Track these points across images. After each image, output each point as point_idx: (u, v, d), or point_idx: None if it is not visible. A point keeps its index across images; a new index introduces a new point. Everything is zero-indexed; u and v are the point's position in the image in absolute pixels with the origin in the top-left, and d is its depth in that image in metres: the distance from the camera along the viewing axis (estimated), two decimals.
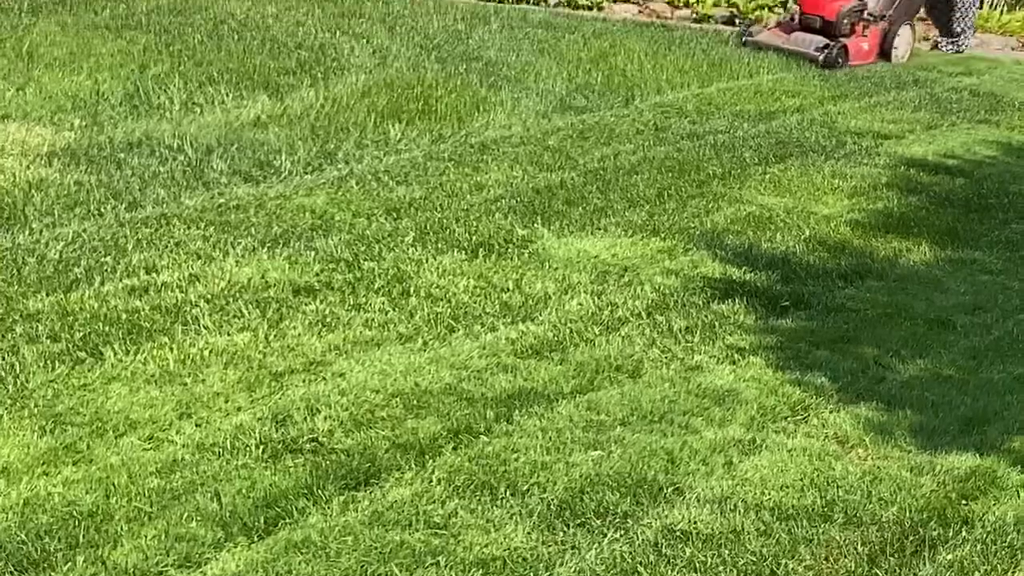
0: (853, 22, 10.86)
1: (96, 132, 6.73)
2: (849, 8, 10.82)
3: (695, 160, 7.61)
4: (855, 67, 10.46)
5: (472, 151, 7.33)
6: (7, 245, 5.11)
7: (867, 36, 10.93)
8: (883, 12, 11.05)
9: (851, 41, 10.79)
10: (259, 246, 5.49)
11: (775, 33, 10.95)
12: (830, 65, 10.41)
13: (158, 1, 9.95)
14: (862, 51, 10.85)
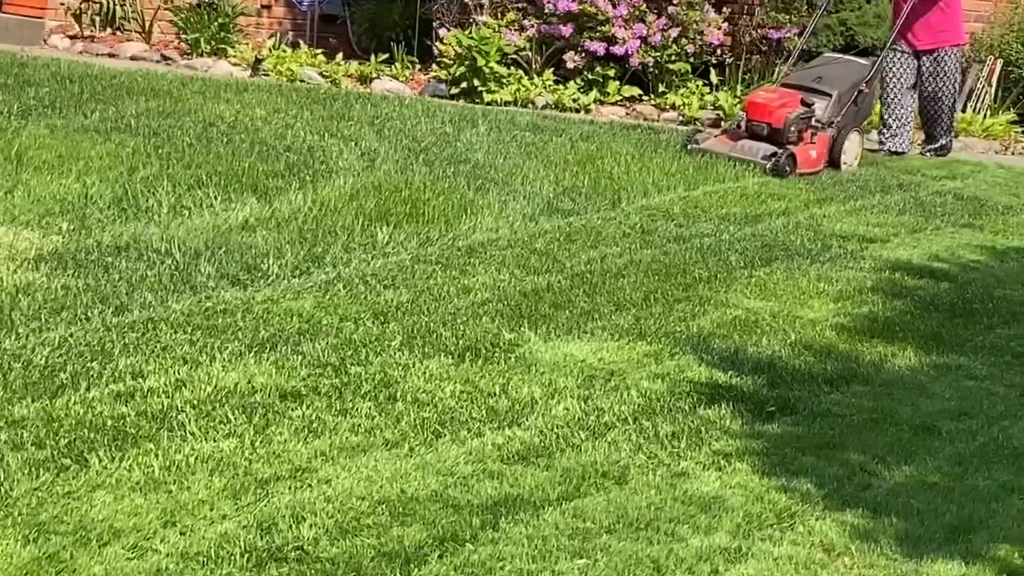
0: (801, 129, 10.59)
1: (84, 236, 6.75)
2: (796, 115, 10.57)
3: (681, 263, 7.64)
4: (803, 175, 10.33)
5: (459, 254, 7.36)
6: None
7: (815, 143, 10.67)
8: (831, 119, 10.82)
9: (799, 148, 10.53)
10: (246, 350, 5.50)
11: (722, 140, 10.72)
12: (778, 173, 10.17)
13: (148, 104, 10.01)
14: (810, 159, 10.60)
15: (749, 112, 10.66)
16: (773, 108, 10.54)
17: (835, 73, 11.13)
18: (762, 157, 10.26)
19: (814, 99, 10.74)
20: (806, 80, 11.06)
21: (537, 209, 8.42)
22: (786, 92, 10.81)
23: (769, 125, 10.46)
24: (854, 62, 11.47)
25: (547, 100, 12.57)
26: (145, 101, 10.10)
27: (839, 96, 10.89)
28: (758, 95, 10.90)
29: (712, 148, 10.52)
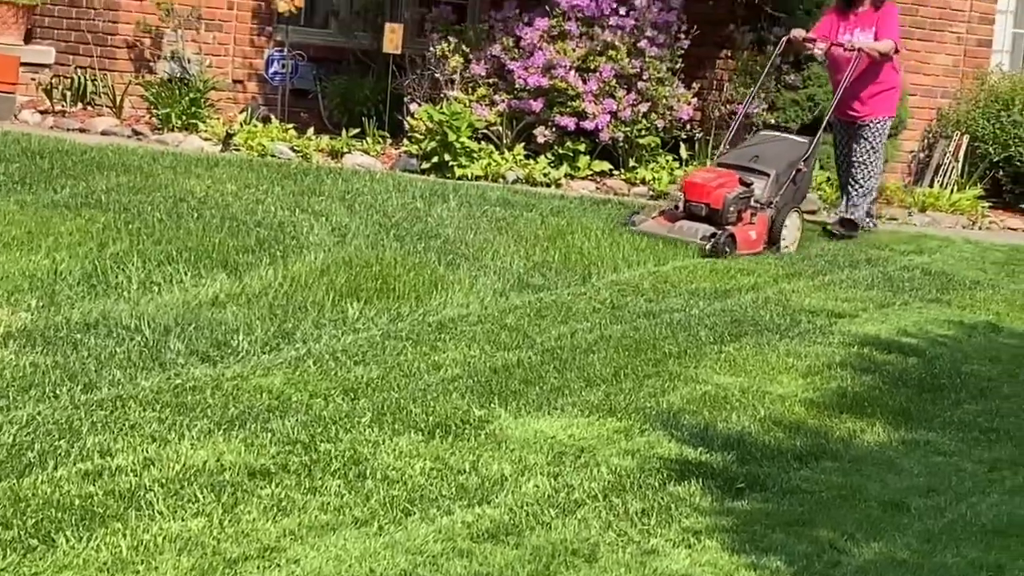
0: (740, 209, 10.42)
1: (53, 312, 6.73)
2: (735, 195, 10.37)
3: (651, 339, 7.67)
4: (743, 256, 10.17)
5: (430, 330, 7.37)
6: None
7: (755, 224, 10.49)
8: (770, 199, 10.65)
9: (739, 229, 10.33)
10: (215, 428, 5.49)
11: (660, 221, 10.48)
12: (717, 254, 9.96)
13: (118, 179, 10.02)
14: (750, 240, 10.40)
15: (687, 192, 10.48)
16: (711, 188, 10.36)
17: (772, 152, 10.99)
18: (701, 238, 10.07)
19: (752, 178, 10.62)
20: (743, 159, 10.88)
21: (507, 285, 8.44)
22: (724, 172, 10.64)
23: (708, 206, 10.29)
24: (791, 140, 11.40)
25: (518, 175, 12.63)
26: (116, 176, 10.11)
27: (777, 175, 10.75)
28: (696, 175, 10.74)
29: (650, 230, 10.28)
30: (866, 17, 11.67)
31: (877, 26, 11.61)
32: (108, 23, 13.97)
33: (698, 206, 10.32)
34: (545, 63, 12.93)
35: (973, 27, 15.58)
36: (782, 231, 10.59)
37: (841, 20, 11.77)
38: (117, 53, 13.93)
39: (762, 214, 10.50)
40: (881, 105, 11.73)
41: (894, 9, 11.82)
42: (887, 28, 11.61)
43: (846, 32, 11.66)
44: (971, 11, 15.55)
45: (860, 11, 11.70)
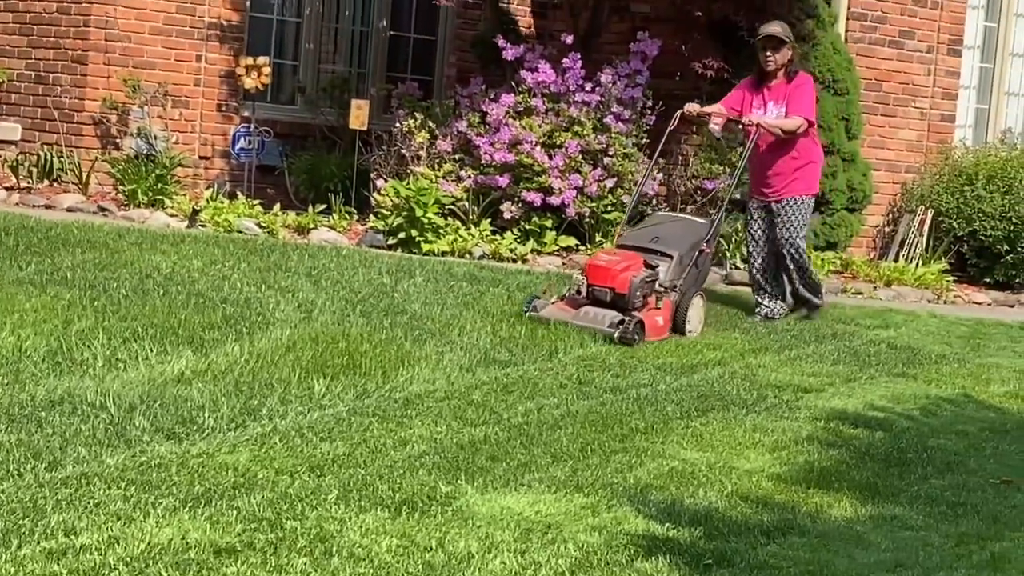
0: (646, 293, 9.79)
1: (18, 389, 6.70)
2: (642, 279, 9.72)
3: (618, 414, 7.67)
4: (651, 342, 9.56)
5: (396, 406, 7.36)
6: None
7: (660, 309, 9.86)
8: (674, 282, 10.01)
9: (646, 314, 9.70)
10: (180, 506, 5.45)
11: (562, 307, 9.75)
12: (627, 342, 9.32)
13: (84, 256, 10.00)
14: (657, 326, 9.75)
15: (590, 276, 9.79)
16: (616, 272, 9.69)
17: (673, 233, 10.36)
18: (609, 325, 9.43)
19: (656, 261, 10.05)
20: (643, 241, 10.26)
21: (474, 360, 8.44)
22: (628, 254, 9.96)
23: (613, 290, 9.64)
24: (691, 220, 10.85)
25: (484, 250, 12.65)
26: (81, 253, 10.09)
27: (680, 257, 10.14)
28: (599, 258, 9.98)
29: (553, 316, 9.59)
30: (779, 90, 10.96)
31: (788, 100, 10.89)
32: (74, 100, 14.00)
33: (602, 291, 9.67)
34: (511, 139, 12.99)
35: (937, 102, 15.74)
36: (687, 315, 9.97)
37: (754, 93, 11.07)
38: (83, 130, 13.95)
39: (667, 298, 9.89)
40: (800, 183, 11.02)
41: (808, 81, 11.03)
42: (798, 102, 10.85)
43: (758, 106, 10.96)
44: (934, 87, 15.72)
45: (773, 84, 10.98)
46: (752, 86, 11.10)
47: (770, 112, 10.89)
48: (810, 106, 10.93)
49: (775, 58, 10.89)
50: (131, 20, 14.03)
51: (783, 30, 10.89)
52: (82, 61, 13.95)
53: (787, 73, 10.94)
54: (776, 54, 10.88)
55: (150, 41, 14.14)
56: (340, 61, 15.95)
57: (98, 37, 13.91)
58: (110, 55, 13.96)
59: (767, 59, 10.90)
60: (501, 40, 13.58)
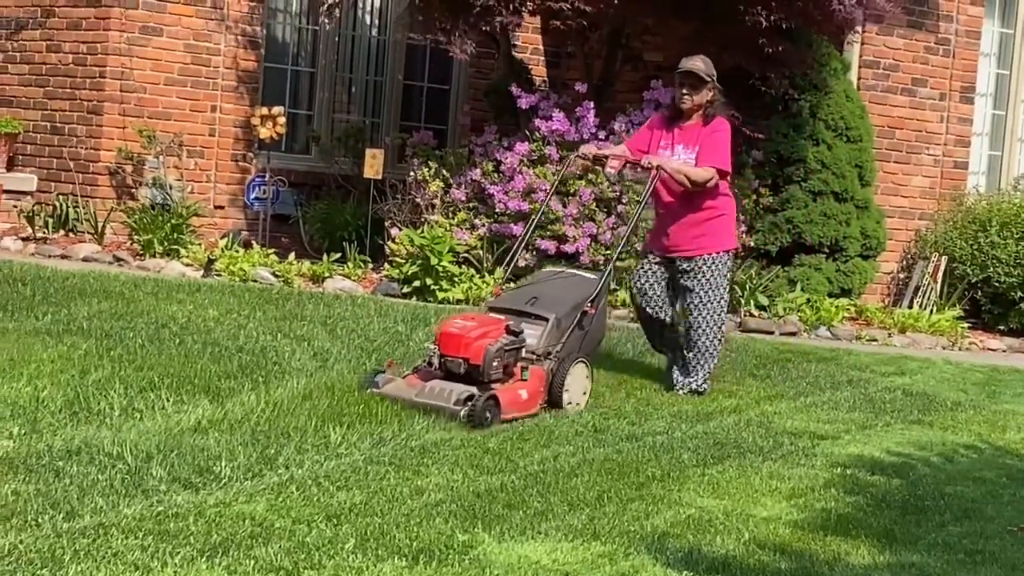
0: (507, 364, 8.44)
1: (35, 440, 6.71)
2: (500, 347, 8.35)
3: (634, 462, 7.66)
4: (512, 420, 8.28)
5: (413, 454, 7.35)
6: None
7: (527, 381, 8.47)
8: (548, 349, 8.72)
9: (505, 388, 8.33)
10: (198, 555, 5.45)
11: (409, 382, 8.41)
12: (476, 423, 7.99)
13: (100, 306, 10.03)
14: (519, 401, 8.38)
15: (442, 345, 8.43)
16: (470, 340, 8.33)
17: (554, 292, 9.08)
18: (455, 402, 8.07)
19: (527, 325, 8.70)
20: (518, 302, 8.98)
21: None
22: (488, 319, 8.65)
23: (466, 361, 8.30)
24: (579, 277, 9.42)
25: None
26: (97, 303, 10.12)
27: (558, 320, 8.83)
28: (452, 323, 8.56)
29: (393, 393, 8.25)
30: (691, 132, 9.58)
31: (700, 145, 9.51)
32: (90, 150, 14.07)
33: (455, 361, 8.34)
34: (525, 187, 13.03)
35: (950, 149, 15.79)
36: (564, 387, 8.68)
37: (663, 133, 9.70)
38: (99, 180, 14.02)
39: (537, 368, 8.57)
40: (713, 238, 9.60)
41: (726, 128, 9.60)
42: (711, 150, 9.47)
43: (665, 147, 9.60)
44: (947, 134, 15.76)
45: (686, 125, 9.61)
46: (662, 125, 9.78)
47: (677, 155, 9.53)
48: (724, 155, 9.54)
49: (692, 97, 9.53)
50: (146, 71, 14.11)
51: (705, 67, 9.56)
52: (98, 112, 14.03)
53: (704, 115, 9.58)
54: (695, 94, 9.54)
55: (165, 92, 14.22)
56: (354, 111, 16.03)
57: (113, 88, 13.99)
58: (125, 106, 14.04)
59: (683, 97, 9.55)
60: (516, 88, 13.65)
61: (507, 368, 8.44)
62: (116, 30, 13.95)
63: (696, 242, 9.56)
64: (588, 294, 9.01)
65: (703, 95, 9.54)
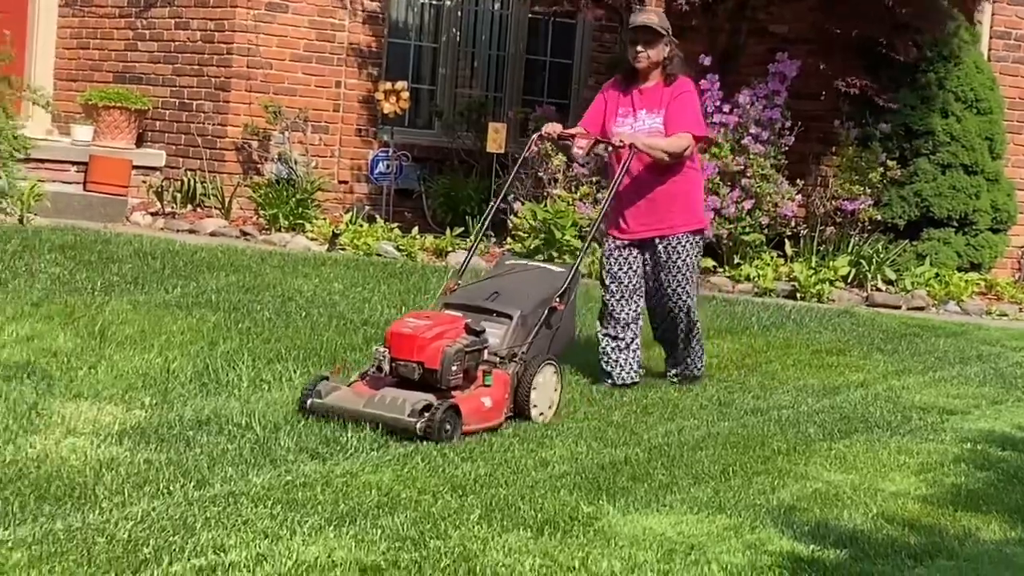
0: (467, 368, 7.31)
1: (166, 410, 6.81)
2: (459, 349, 7.21)
3: (760, 436, 7.62)
4: (475, 433, 7.13)
5: (536, 427, 7.36)
6: (77, 525, 5.14)
7: (490, 387, 7.35)
8: (513, 349, 7.61)
9: (466, 396, 7.20)
10: (325, 524, 5.50)
11: (357, 391, 7.22)
12: (435, 437, 6.86)
13: (227, 279, 10.15)
14: (482, 410, 7.24)
15: (393, 348, 7.23)
16: (425, 341, 7.18)
17: (517, 287, 7.98)
18: (408, 414, 6.91)
19: (488, 324, 7.60)
20: (477, 298, 7.85)
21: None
22: (445, 317, 7.54)
23: (421, 365, 7.16)
24: (544, 270, 8.33)
25: None
26: (225, 276, 10.25)
27: (523, 318, 7.71)
28: (405, 323, 7.37)
29: (338, 404, 7.07)
30: (653, 95, 8.45)
31: (668, 110, 8.39)
32: (217, 126, 14.22)
33: (408, 366, 7.18)
34: None
35: None
36: (531, 393, 7.53)
37: (619, 98, 8.54)
38: (226, 155, 14.17)
39: (501, 372, 7.44)
40: (682, 216, 8.54)
41: (691, 88, 8.53)
42: (680, 114, 8.37)
43: (625, 114, 8.48)
44: None
45: (645, 87, 8.46)
46: (617, 89, 8.58)
47: (641, 121, 8.42)
48: (696, 117, 8.52)
49: (647, 53, 8.35)
50: (272, 47, 14.23)
51: (659, 20, 8.45)
52: (225, 88, 14.18)
53: (664, 75, 8.43)
54: (649, 49, 8.35)
55: (291, 68, 14.34)
56: (477, 85, 16.05)
57: (240, 64, 14.12)
58: (252, 82, 14.17)
59: (637, 54, 8.37)
60: None
61: (468, 373, 7.30)
62: (243, 7, 14.08)
63: (666, 221, 8.49)
64: (556, 288, 7.90)
65: (659, 51, 8.37)
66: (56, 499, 5.41)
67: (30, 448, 6.01)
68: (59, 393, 6.91)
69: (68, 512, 5.28)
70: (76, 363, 7.48)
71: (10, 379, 7.01)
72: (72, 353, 7.66)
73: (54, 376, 7.20)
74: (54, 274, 9.76)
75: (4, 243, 10.63)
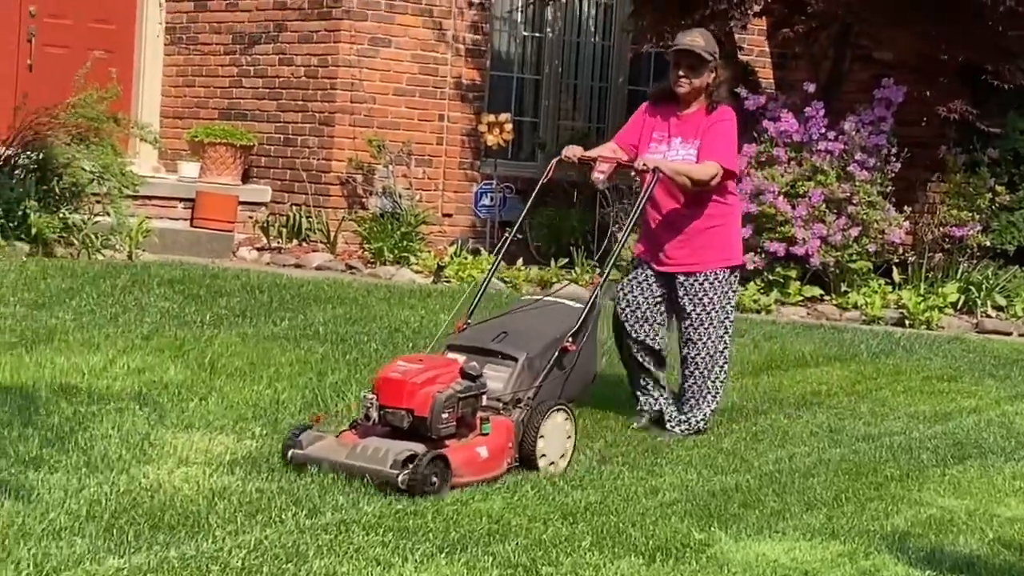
0: (463, 415, 6.68)
1: (276, 440, 6.84)
2: (450, 395, 6.58)
3: (872, 462, 7.53)
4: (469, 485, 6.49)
5: (645, 455, 7.33)
6: (191, 553, 5.18)
7: (487, 435, 6.71)
8: (517, 395, 6.96)
9: (459, 447, 6.59)
10: (437, 551, 5.50)
11: (343, 440, 6.62)
12: (420, 491, 6.24)
13: (334, 311, 10.21)
14: (477, 460, 6.62)
15: (380, 394, 6.62)
16: (415, 387, 6.56)
17: (528, 326, 7.35)
18: (391, 466, 6.32)
19: (492, 367, 7.01)
20: (483, 339, 7.20)
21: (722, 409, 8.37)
22: (439, 360, 6.90)
23: (410, 412, 6.55)
24: (561, 306, 7.61)
25: None
26: (332, 309, 10.31)
27: (529, 360, 7.08)
28: (395, 366, 6.73)
29: (321, 455, 6.50)
30: (692, 122, 7.82)
31: (703, 138, 7.77)
32: (322, 161, 14.34)
33: (396, 413, 6.58)
34: (753, 189, 12.92)
35: None
36: (538, 442, 6.87)
37: (656, 122, 7.94)
38: (330, 190, 14.28)
39: (501, 419, 6.81)
40: (715, 252, 7.89)
41: (731, 118, 7.84)
42: (714, 143, 7.73)
43: (660, 139, 7.89)
44: None
45: (685, 113, 7.83)
46: (658, 113, 7.97)
47: (674, 150, 7.83)
48: (730, 150, 7.82)
49: (690, 79, 7.75)
50: (375, 82, 14.34)
51: (705, 43, 7.77)
52: (329, 123, 14.29)
53: (708, 103, 7.82)
54: (694, 76, 7.75)
55: (394, 102, 14.44)
56: (579, 117, 16.08)
57: (344, 99, 14.24)
58: (355, 116, 14.28)
59: (678, 79, 7.77)
60: (742, 90, 13.55)
61: (463, 420, 6.68)
62: (346, 43, 14.21)
63: (697, 256, 7.87)
64: (570, 327, 7.26)
65: (704, 77, 7.74)
66: (170, 528, 5.45)
67: (143, 478, 6.07)
68: (171, 424, 6.98)
69: (182, 540, 5.32)
70: (187, 394, 7.55)
71: (123, 411, 7.09)
72: (183, 385, 7.74)
73: (166, 407, 7.27)
74: (163, 308, 9.88)
75: (114, 279, 10.77)
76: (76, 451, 6.36)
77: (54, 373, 7.71)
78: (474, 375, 6.74)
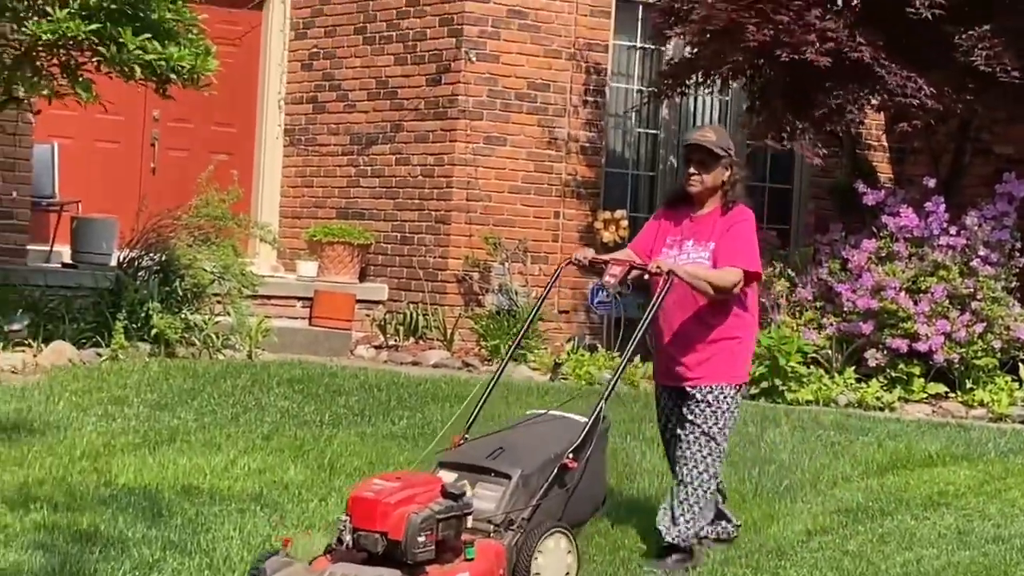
0: (446, 538, 5.93)
1: None
2: (428, 516, 5.85)
3: (1002, 564, 7.36)
4: None
5: (769, 556, 7.22)
6: None
7: (472, 560, 5.98)
8: (509, 516, 6.27)
9: (440, 573, 5.87)
10: None
11: (316, 567, 5.89)
12: None
13: (452, 409, 10.15)
14: None
15: (353, 515, 5.93)
16: (388, 507, 5.85)
17: (527, 441, 6.69)
18: None
19: (485, 485, 6.34)
20: (477, 456, 6.53)
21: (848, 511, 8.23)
22: (419, 478, 6.20)
23: (384, 536, 5.83)
24: (565, 420, 6.90)
25: (849, 399, 12.43)
26: (449, 407, 10.28)
27: (524, 478, 6.37)
28: (370, 484, 6.06)
29: None
30: (706, 224, 7.29)
31: (719, 241, 7.21)
32: (438, 259, 14.38)
33: (369, 537, 5.87)
34: (874, 285, 12.79)
35: None
36: (531, 565, 6.18)
37: (672, 227, 7.41)
38: (447, 287, 14.31)
39: (490, 543, 6.11)
40: (717, 367, 7.29)
41: (748, 217, 7.30)
42: (735, 246, 7.19)
43: (672, 244, 7.34)
44: None
45: (699, 215, 7.32)
46: (671, 216, 7.46)
47: (686, 254, 7.27)
48: (751, 251, 7.25)
49: (701, 177, 7.25)
50: (491, 180, 14.39)
51: (718, 138, 7.26)
52: (445, 221, 14.35)
53: (723, 203, 7.30)
54: (704, 172, 7.24)
55: (509, 200, 14.47)
56: None
57: (460, 197, 14.30)
58: (471, 214, 14.33)
59: (689, 177, 7.28)
60: (861, 185, 13.45)
61: (445, 544, 5.95)
62: (461, 141, 14.29)
63: (700, 369, 7.28)
64: (571, 442, 6.58)
65: (716, 174, 7.22)
66: None
67: None
68: (291, 524, 6.96)
69: None
70: (307, 495, 7.55)
71: (244, 511, 7.10)
72: (303, 485, 7.74)
73: (286, 508, 7.26)
74: (283, 407, 9.91)
75: (234, 378, 10.84)
76: (199, 553, 6.37)
77: (177, 474, 7.76)
78: (456, 494, 6.02)
